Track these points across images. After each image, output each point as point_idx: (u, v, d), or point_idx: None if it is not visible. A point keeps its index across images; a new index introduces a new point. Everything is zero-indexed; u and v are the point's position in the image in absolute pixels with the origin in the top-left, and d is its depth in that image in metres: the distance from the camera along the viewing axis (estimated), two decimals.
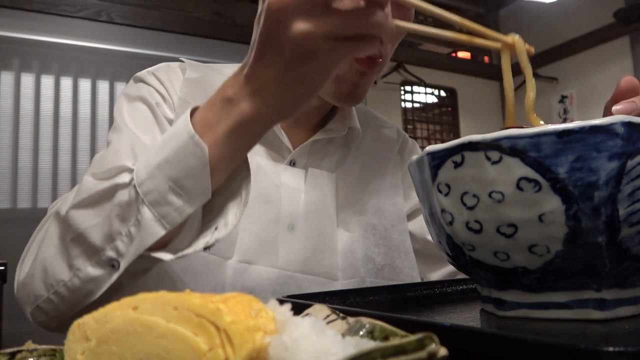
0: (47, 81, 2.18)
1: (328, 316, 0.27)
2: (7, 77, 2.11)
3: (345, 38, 0.41)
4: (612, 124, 0.30)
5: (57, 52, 2.20)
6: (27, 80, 2.14)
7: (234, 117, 0.45)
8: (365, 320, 0.25)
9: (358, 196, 0.74)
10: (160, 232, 0.46)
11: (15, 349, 0.26)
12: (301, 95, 0.45)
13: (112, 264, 0.48)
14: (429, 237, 0.78)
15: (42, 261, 0.51)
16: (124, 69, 2.31)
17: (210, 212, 0.50)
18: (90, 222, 0.49)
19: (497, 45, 0.45)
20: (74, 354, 0.24)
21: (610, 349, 0.21)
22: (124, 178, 0.48)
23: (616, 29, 2.95)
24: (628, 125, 0.30)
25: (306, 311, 0.28)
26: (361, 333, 0.24)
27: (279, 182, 0.67)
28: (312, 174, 0.69)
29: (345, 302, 0.47)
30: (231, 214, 0.48)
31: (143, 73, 0.71)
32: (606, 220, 0.31)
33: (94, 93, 2.27)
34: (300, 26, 0.40)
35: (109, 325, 0.23)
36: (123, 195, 0.47)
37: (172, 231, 0.47)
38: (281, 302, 0.24)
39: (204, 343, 0.20)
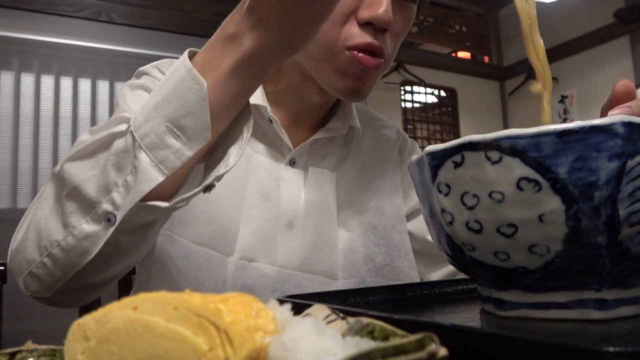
0: (47, 81, 2.18)
1: (328, 316, 0.27)
2: (7, 77, 2.11)
3: None
4: (612, 124, 0.30)
5: (57, 52, 2.20)
6: (27, 80, 2.15)
7: (237, 53, 0.43)
8: (365, 320, 0.25)
9: (358, 196, 0.74)
10: (157, 177, 0.43)
11: (15, 349, 0.26)
12: (307, 22, 0.43)
13: (108, 218, 0.45)
14: (429, 237, 0.78)
15: (36, 223, 0.49)
16: (124, 69, 2.31)
17: (212, 165, 0.48)
18: (85, 174, 0.46)
19: None
20: (74, 354, 0.24)
21: (611, 349, 0.21)
22: (122, 127, 0.46)
23: (616, 29, 2.95)
24: (628, 125, 0.30)
25: (306, 311, 0.28)
26: (361, 333, 0.24)
27: (279, 180, 0.67)
28: (313, 173, 0.69)
29: (345, 302, 0.47)
30: (232, 156, 0.46)
31: (146, 67, 0.71)
32: (606, 220, 0.31)
33: (94, 93, 2.27)
34: None
35: (109, 325, 0.23)
36: (120, 144, 0.45)
37: (173, 186, 0.45)
38: (281, 302, 0.24)
39: (204, 343, 0.20)
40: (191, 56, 0.46)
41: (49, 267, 0.48)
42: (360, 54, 0.60)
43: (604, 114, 0.44)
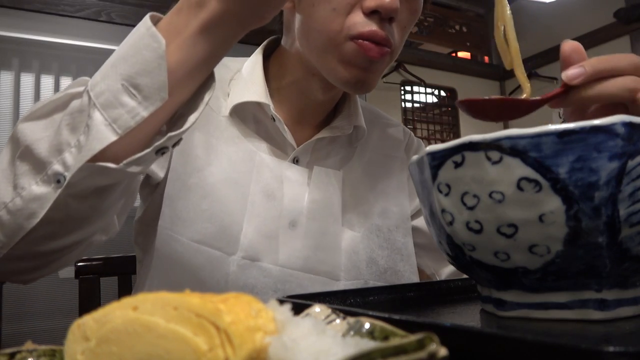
0: (47, 81, 2.18)
1: (328, 316, 0.27)
2: (7, 77, 2.11)
3: None
4: (612, 124, 0.30)
5: (57, 52, 2.20)
6: (27, 80, 2.15)
7: (202, 17, 0.42)
8: (365, 320, 0.25)
9: (363, 196, 0.73)
10: (110, 137, 0.42)
11: (15, 349, 0.26)
12: None
13: (58, 179, 0.44)
14: None
15: None
16: None
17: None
18: (39, 134, 0.45)
19: None
20: (73, 354, 0.24)
21: (611, 349, 0.21)
22: (80, 88, 0.45)
23: (616, 29, 2.95)
24: (629, 125, 0.30)
25: (306, 311, 0.28)
26: (361, 333, 0.24)
27: (282, 178, 0.67)
28: (318, 172, 0.69)
29: (346, 302, 0.47)
30: (190, 120, 0.45)
31: None
32: (607, 221, 0.31)
33: None
34: None
35: (109, 326, 0.23)
36: (76, 104, 0.44)
37: (130, 153, 0.43)
38: (281, 302, 0.24)
39: (204, 343, 0.20)
40: (155, 22, 0.45)
41: None
42: (365, 42, 0.58)
43: (569, 116, 0.45)
